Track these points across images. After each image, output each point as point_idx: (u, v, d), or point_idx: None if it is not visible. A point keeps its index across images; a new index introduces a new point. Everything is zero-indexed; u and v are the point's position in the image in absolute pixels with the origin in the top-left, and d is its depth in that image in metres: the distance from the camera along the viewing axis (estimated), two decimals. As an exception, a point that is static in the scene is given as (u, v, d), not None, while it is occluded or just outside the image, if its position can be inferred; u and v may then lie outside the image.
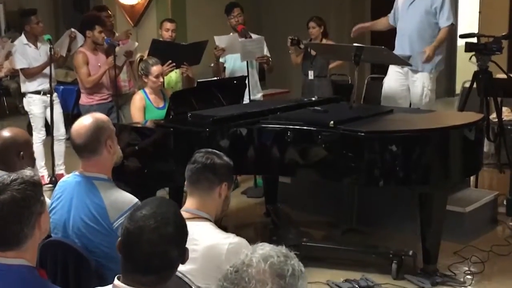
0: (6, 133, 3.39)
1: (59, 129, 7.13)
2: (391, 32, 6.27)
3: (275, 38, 7.80)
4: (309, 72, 7.59)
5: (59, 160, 7.18)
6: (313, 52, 7.45)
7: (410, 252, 4.71)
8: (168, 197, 5.67)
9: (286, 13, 8.72)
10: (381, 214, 5.55)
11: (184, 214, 2.76)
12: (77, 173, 3.21)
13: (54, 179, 6.95)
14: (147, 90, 5.69)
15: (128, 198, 3.08)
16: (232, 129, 4.58)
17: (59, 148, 7.16)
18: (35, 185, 2.24)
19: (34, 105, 7.04)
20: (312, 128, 4.46)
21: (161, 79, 5.73)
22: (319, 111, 4.83)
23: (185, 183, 2.91)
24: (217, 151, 2.98)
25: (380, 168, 4.28)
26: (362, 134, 4.26)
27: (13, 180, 2.20)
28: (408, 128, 4.42)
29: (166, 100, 5.74)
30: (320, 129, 4.41)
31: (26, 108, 7.17)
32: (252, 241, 1.99)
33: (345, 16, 9.31)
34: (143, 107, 5.53)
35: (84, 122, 3.14)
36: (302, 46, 7.42)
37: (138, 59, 5.75)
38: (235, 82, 5.66)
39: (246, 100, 6.14)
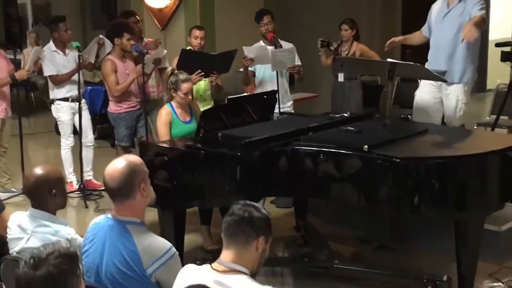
0: (39, 171, 3.37)
1: (87, 136, 7.12)
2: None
3: (304, 41, 7.69)
4: (339, 74, 7.52)
5: (87, 166, 7.18)
6: (343, 54, 7.37)
7: (445, 277, 4.61)
8: (199, 215, 5.66)
9: (314, 15, 8.59)
10: (414, 231, 5.45)
11: (219, 267, 2.71)
12: (109, 216, 3.16)
13: (83, 186, 6.97)
14: (174, 104, 5.62)
15: (161, 244, 3.03)
16: (263, 151, 4.49)
17: (87, 154, 7.16)
18: (71, 259, 2.19)
19: (63, 112, 7.03)
20: (345, 152, 4.36)
21: (190, 97, 5.65)
22: (352, 132, 4.72)
23: (221, 234, 2.84)
24: (255, 204, 2.89)
25: (414, 195, 4.17)
26: (398, 160, 4.15)
27: (49, 254, 2.15)
28: (445, 153, 4.30)
29: (193, 114, 5.67)
30: (354, 153, 4.31)
31: (55, 114, 7.16)
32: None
33: (375, 18, 9.14)
34: (169, 121, 5.47)
35: (118, 165, 3.09)
36: (332, 48, 7.33)
37: (169, 72, 5.69)
38: (265, 97, 5.56)
39: (276, 109, 6.06)
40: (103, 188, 7.04)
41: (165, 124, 5.43)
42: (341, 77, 7.58)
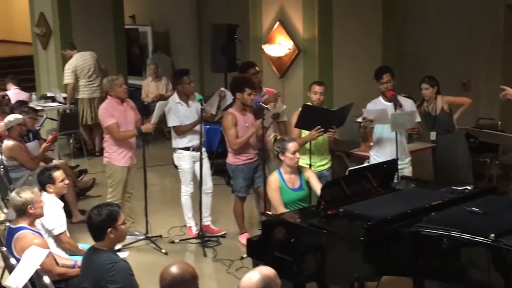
0: (174, 270, 3.49)
1: (207, 183, 7.33)
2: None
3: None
4: (431, 133, 7.45)
5: (205, 212, 7.40)
6: (430, 110, 7.29)
7: None
8: None
9: (431, 68, 8.49)
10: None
11: None
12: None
13: (202, 233, 7.18)
14: (282, 170, 5.71)
15: None
16: (385, 234, 4.51)
17: (206, 200, 7.37)
18: None
19: (184, 161, 7.28)
20: (470, 238, 4.31)
21: (298, 155, 5.73)
22: (477, 213, 4.64)
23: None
24: None
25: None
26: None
27: None
28: None
29: (303, 178, 5.73)
30: (479, 241, 4.25)
31: (176, 162, 7.42)
32: None
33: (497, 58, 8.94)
34: (278, 187, 5.57)
35: (252, 278, 3.19)
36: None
37: (273, 140, 5.80)
38: (385, 166, 5.57)
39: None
40: (220, 234, 7.37)
41: (276, 191, 5.54)
42: (433, 136, 7.53)
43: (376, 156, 6.62)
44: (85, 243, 5.96)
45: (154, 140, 11.57)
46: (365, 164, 6.69)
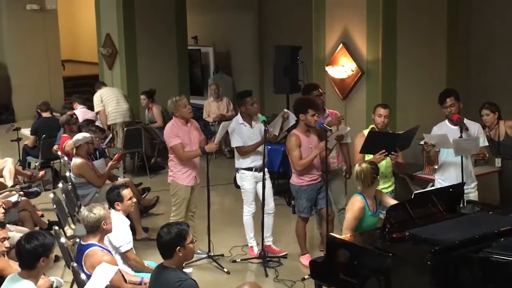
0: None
1: (269, 204, 7.36)
2: None
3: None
4: (496, 159, 7.30)
5: (267, 232, 7.42)
6: (492, 136, 7.19)
7: None
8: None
9: (496, 90, 8.39)
10: None
11: None
12: None
13: (263, 254, 7.21)
14: (365, 194, 5.69)
15: None
16: (452, 259, 4.47)
17: (268, 221, 7.40)
18: None
19: (246, 181, 7.34)
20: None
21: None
22: (548, 240, 4.56)
23: None
24: None
25: None
26: None
27: None
28: None
29: (378, 204, 5.73)
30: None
31: (239, 182, 7.49)
32: None
33: None
34: (361, 216, 5.55)
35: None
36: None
37: (358, 169, 5.76)
38: (451, 190, 5.52)
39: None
40: (282, 255, 7.38)
41: (356, 219, 5.51)
42: (498, 162, 7.38)
43: (441, 180, 6.55)
44: (149, 260, 6.09)
45: (215, 159, 11.70)
46: (430, 188, 6.63)
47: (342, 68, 8.17)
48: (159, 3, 12.20)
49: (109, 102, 11.17)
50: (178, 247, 4.31)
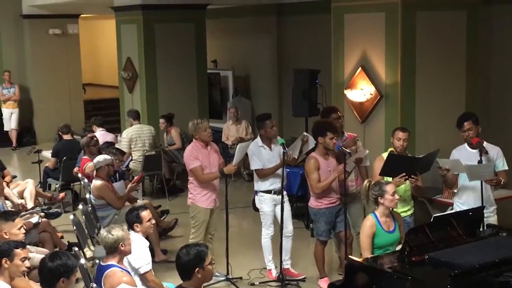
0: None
1: (288, 227, 7.35)
2: None
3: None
4: None
5: (286, 255, 7.41)
6: None
7: None
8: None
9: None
10: None
11: None
12: None
13: (282, 276, 7.20)
14: (377, 213, 5.72)
15: None
16: (472, 283, 4.44)
17: (287, 244, 7.39)
18: None
19: (265, 204, 7.35)
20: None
21: (397, 196, 5.78)
22: None
23: None
24: None
25: None
26: None
27: None
28: None
29: (396, 221, 5.74)
30: None
31: (257, 205, 7.51)
32: None
33: None
34: (373, 233, 5.57)
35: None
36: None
37: (367, 186, 5.81)
38: (470, 213, 5.50)
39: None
40: (300, 278, 7.36)
41: (369, 237, 5.53)
42: None
43: (460, 203, 6.52)
44: (168, 281, 6.11)
45: (234, 182, 11.71)
46: (449, 211, 6.60)
47: (361, 91, 8.20)
48: (179, 28, 12.33)
49: (136, 150, 10.88)
50: (197, 268, 4.33)
